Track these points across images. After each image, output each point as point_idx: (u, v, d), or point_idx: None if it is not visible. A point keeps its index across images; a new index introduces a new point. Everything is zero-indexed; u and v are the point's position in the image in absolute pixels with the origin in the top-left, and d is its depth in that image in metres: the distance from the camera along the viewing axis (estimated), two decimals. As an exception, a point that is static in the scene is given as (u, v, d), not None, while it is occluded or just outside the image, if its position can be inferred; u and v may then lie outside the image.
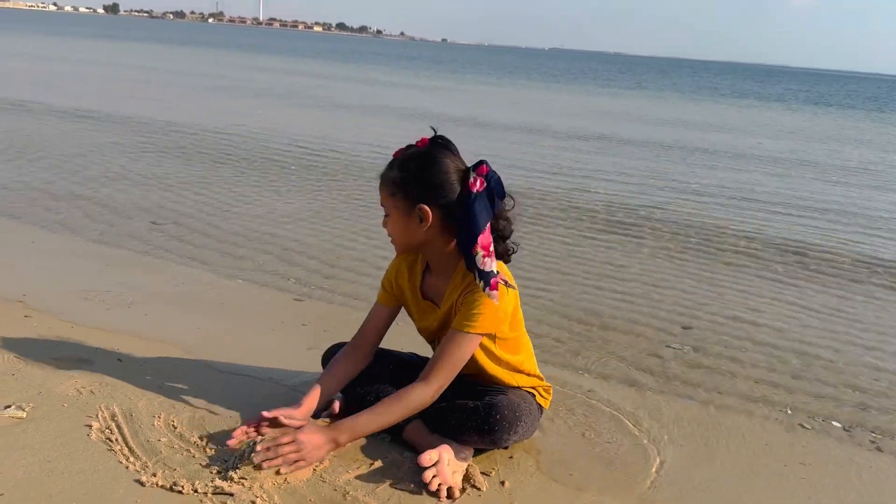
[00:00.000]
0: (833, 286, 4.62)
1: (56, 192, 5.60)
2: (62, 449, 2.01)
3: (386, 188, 2.15)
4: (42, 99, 11.22)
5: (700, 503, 2.07)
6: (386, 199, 2.16)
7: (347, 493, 1.92)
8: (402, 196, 2.12)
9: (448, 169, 2.09)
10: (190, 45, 42.39)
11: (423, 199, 2.10)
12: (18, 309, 3.08)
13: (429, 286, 2.27)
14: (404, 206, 2.12)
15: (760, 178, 8.97)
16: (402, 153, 2.16)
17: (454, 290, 2.16)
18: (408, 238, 2.18)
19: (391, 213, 2.17)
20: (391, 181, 2.13)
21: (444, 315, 2.20)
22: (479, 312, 2.08)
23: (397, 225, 2.17)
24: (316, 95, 16.52)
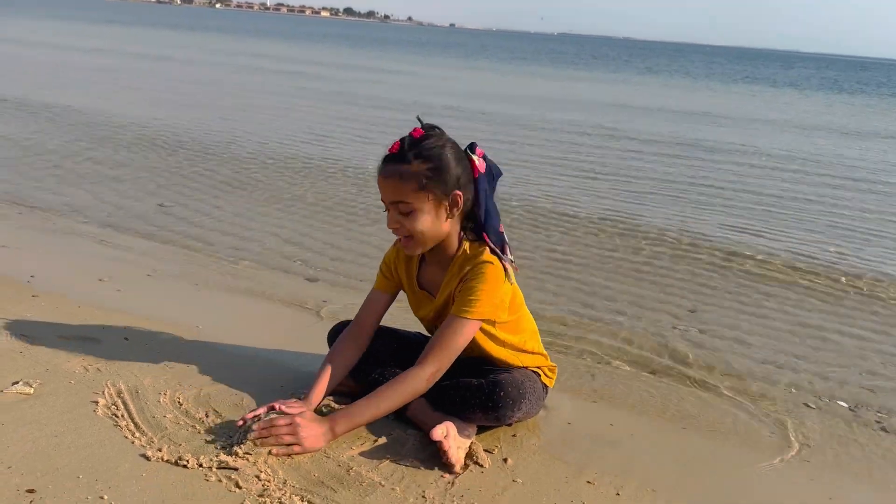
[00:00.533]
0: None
1: (63, 174, 5.63)
2: (69, 424, 2.03)
3: (412, 183, 2.02)
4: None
5: (706, 482, 2.07)
6: (411, 195, 2.03)
7: (351, 468, 1.93)
8: (435, 186, 2.03)
9: (459, 155, 2.09)
10: (203, 31, 42.33)
11: (455, 186, 2.06)
12: (26, 289, 3.10)
13: (425, 276, 2.27)
14: (437, 196, 2.04)
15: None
16: (407, 145, 2.04)
17: (452, 279, 2.15)
18: (437, 232, 2.09)
19: (419, 209, 2.04)
20: (417, 175, 2.01)
21: (442, 304, 2.20)
22: (477, 298, 2.07)
23: (427, 220, 2.06)
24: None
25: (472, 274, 2.09)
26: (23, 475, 1.77)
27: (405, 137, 2.07)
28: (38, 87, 10.75)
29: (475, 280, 2.08)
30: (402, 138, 2.07)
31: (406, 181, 2.02)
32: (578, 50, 66.62)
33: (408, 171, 2.02)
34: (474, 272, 2.09)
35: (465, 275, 2.11)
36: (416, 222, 2.06)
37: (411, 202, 2.04)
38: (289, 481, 1.84)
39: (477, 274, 2.09)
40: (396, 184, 2.03)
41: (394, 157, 2.05)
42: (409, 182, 2.02)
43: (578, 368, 2.84)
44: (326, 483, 1.86)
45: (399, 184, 2.03)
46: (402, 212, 2.06)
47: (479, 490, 1.90)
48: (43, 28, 28.53)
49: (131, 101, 10.19)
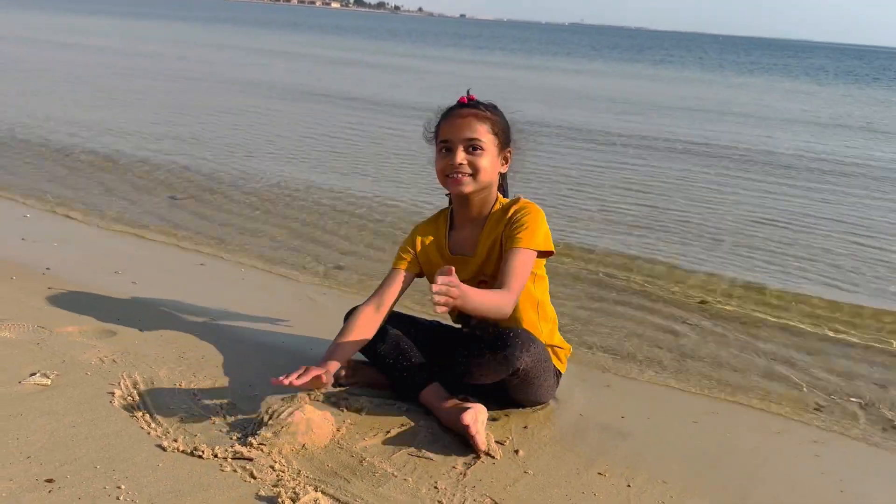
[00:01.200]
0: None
1: (77, 167, 5.67)
2: (86, 415, 2.06)
3: (487, 125, 2.25)
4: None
5: (713, 477, 2.08)
6: (486, 135, 2.25)
7: (364, 459, 1.95)
8: (501, 135, 2.29)
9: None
10: (225, 23, 42.36)
11: (511, 144, 2.34)
12: (43, 281, 3.14)
13: (456, 242, 2.37)
14: (499, 144, 2.29)
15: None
16: (477, 101, 2.30)
17: (492, 229, 2.29)
18: (492, 175, 2.29)
19: (487, 148, 2.25)
20: (491, 120, 2.27)
21: (484, 258, 2.29)
22: (530, 229, 2.22)
23: (490, 160, 2.26)
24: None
25: (520, 214, 2.26)
26: (41, 465, 1.80)
27: (468, 97, 2.32)
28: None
29: (524, 217, 2.24)
30: (467, 96, 2.32)
31: (482, 122, 2.26)
32: (593, 41, 66.16)
33: (485, 115, 2.27)
34: (521, 213, 2.26)
35: (511, 217, 2.26)
36: (482, 159, 2.25)
37: (484, 140, 2.25)
38: (303, 472, 1.86)
39: (524, 213, 2.26)
40: (475, 123, 2.25)
41: (469, 104, 2.29)
42: (485, 124, 2.26)
43: (590, 361, 2.84)
44: (340, 473, 1.88)
45: (477, 124, 2.26)
46: (474, 147, 2.25)
47: (490, 481, 1.91)
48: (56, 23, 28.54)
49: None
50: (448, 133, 2.26)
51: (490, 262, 2.30)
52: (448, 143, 2.25)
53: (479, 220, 2.33)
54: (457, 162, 2.23)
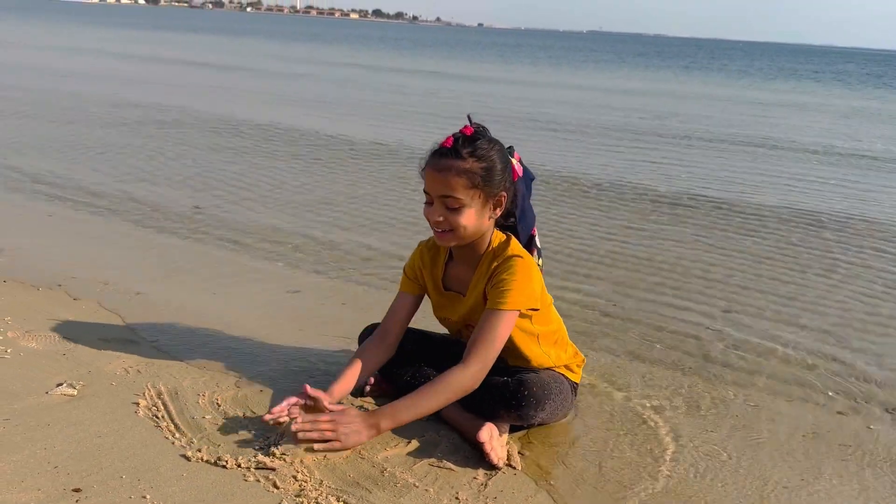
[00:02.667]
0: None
1: (101, 180, 5.75)
2: (112, 425, 2.08)
3: (463, 179, 2.05)
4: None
5: (738, 487, 2.06)
6: (462, 191, 2.06)
7: (385, 469, 1.96)
8: (484, 185, 2.07)
9: (506, 156, 2.15)
10: (262, 36, 42.78)
11: (502, 187, 2.11)
12: (68, 292, 3.18)
13: (452, 277, 2.29)
14: (485, 195, 2.09)
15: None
16: (461, 142, 2.08)
17: (481, 277, 2.18)
18: (479, 228, 2.13)
19: (466, 206, 2.07)
20: (470, 172, 2.05)
21: (473, 304, 2.23)
22: (510, 289, 2.10)
23: (473, 216, 2.09)
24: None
25: (503, 268, 2.13)
26: (69, 475, 1.83)
27: (458, 134, 2.10)
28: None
29: (506, 273, 2.12)
30: (455, 135, 2.10)
31: (459, 177, 2.05)
32: (618, 48, 65.87)
33: (462, 168, 2.05)
34: (504, 266, 2.13)
35: (495, 270, 2.14)
36: (461, 217, 2.09)
37: (461, 198, 2.07)
38: (325, 482, 1.87)
39: (507, 267, 2.13)
40: (449, 179, 2.06)
41: (448, 151, 2.08)
42: (462, 178, 2.05)
43: (609, 370, 2.83)
44: (362, 484, 1.89)
45: (452, 179, 2.06)
46: (450, 206, 2.08)
47: (512, 492, 1.91)
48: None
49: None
50: (427, 185, 2.11)
51: (477, 311, 2.19)
52: (427, 195, 2.13)
53: (474, 258, 2.22)
54: (435, 219, 2.11)
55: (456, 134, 2.11)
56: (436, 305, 2.37)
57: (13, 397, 2.20)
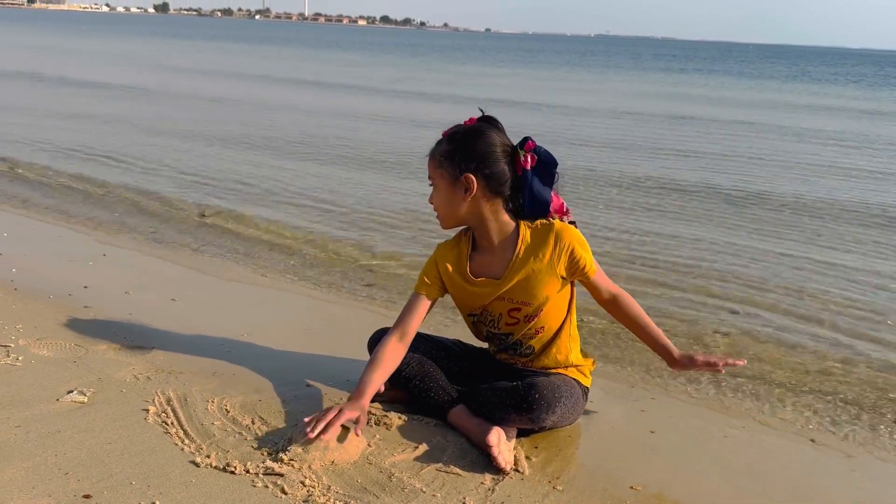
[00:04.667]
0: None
1: (112, 189, 5.80)
2: (121, 431, 2.10)
3: (434, 160, 2.25)
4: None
5: (749, 491, 2.06)
6: (433, 171, 2.26)
7: (393, 474, 1.96)
8: (448, 166, 2.22)
9: (493, 142, 2.22)
10: (275, 44, 42.98)
11: (467, 169, 2.20)
12: (78, 300, 3.21)
13: (480, 264, 2.31)
14: (450, 176, 2.22)
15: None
16: (451, 131, 2.27)
17: (530, 259, 2.23)
18: (451, 209, 2.26)
19: (437, 185, 2.26)
20: (440, 154, 2.24)
21: (513, 283, 2.25)
22: (587, 256, 2.26)
23: (442, 196, 2.26)
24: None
25: (576, 250, 2.23)
26: (79, 481, 1.84)
27: (458, 124, 2.29)
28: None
29: (581, 248, 2.24)
30: (457, 125, 2.29)
31: (431, 159, 2.28)
32: (634, 52, 65.23)
33: (434, 151, 2.27)
34: (576, 246, 2.23)
35: (566, 249, 2.23)
36: (435, 197, 2.30)
37: (433, 178, 2.28)
38: (333, 487, 1.88)
39: (578, 244, 2.23)
40: (429, 162, 2.28)
41: (439, 140, 2.29)
42: (432, 160, 2.27)
43: (618, 375, 2.83)
44: (369, 489, 1.89)
45: (429, 161, 2.29)
46: (432, 186, 2.29)
47: (519, 497, 1.92)
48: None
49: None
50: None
51: (523, 290, 2.24)
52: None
53: (502, 245, 2.26)
54: (429, 200, 2.33)
55: (458, 124, 2.29)
56: (467, 299, 2.34)
57: (24, 405, 2.22)
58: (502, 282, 2.26)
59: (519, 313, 2.26)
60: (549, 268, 2.23)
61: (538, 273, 2.23)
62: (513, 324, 2.29)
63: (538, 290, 2.24)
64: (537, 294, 2.24)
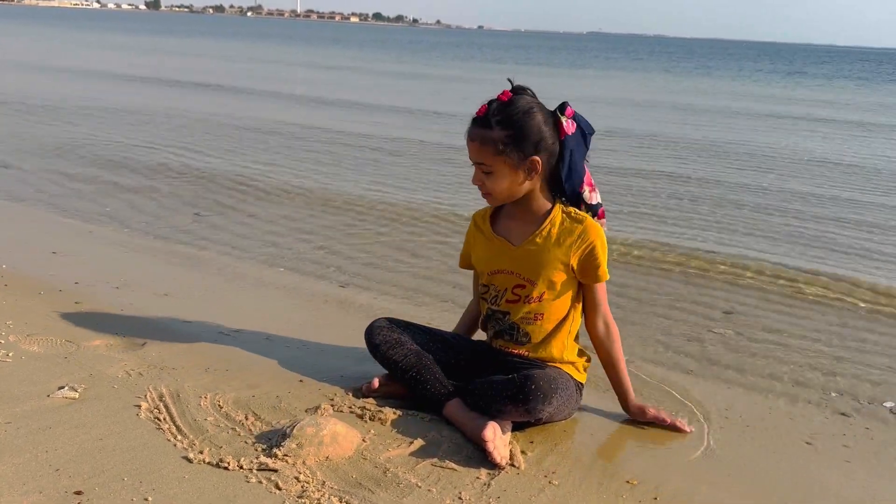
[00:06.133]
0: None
1: (102, 183, 5.76)
2: (113, 427, 2.08)
3: (490, 147, 2.17)
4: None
5: (745, 487, 2.05)
6: (490, 158, 2.18)
7: (388, 470, 1.95)
8: (512, 153, 2.16)
9: (545, 118, 2.20)
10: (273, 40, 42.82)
11: (533, 152, 2.18)
12: (70, 295, 3.18)
13: (502, 223, 2.35)
14: (514, 161, 2.18)
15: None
16: (493, 110, 2.17)
17: (555, 244, 2.25)
18: (513, 191, 2.24)
19: (497, 171, 2.19)
20: (496, 140, 2.16)
21: (525, 257, 2.27)
22: (603, 261, 2.26)
23: (504, 181, 2.21)
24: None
25: (596, 249, 2.24)
26: (70, 477, 1.82)
27: (493, 101, 2.20)
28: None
29: (600, 250, 2.25)
30: (490, 101, 2.20)
31: (486, 145, 2.18)
32: (629, 48, 64.87)
33: (488, 137, 2.17)
34: (597, 244, 2.24)
35: (584, 244, 2.24)
36: (494, 183, 2.22)
37: (490, 164, 2.19)
38: (327, 483, 1.87)
39: (599, 245, 2.25)
40: (478, 147, 2.19)
41: (479, 120, 2.19)
42: (488, 146, 2.17)
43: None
44: (364, 484, 1.88)
45: (480, 147, 2.19)
46: (484, 171, 2.22)
47: (515, 491, 1.91)
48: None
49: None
50: (468, 152, 2.26)
51: (533, 266, 2.27)
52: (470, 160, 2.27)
53: (532, 216, 2.29)
54: (474, 182, 2.27)
55: (492, 100, 2.20)
56: (482, 253, 2.38)
57: (14, 401, 2.19)
58: (517, 250, 2.29)
59: (522, 290, 2.28)
60: (563, 255, 2.24)
61: (551, 255, 2.25)
62: (514, 301, 2.29)
63: (546, 270, 2.25)
64: (544, 274, 2.25)
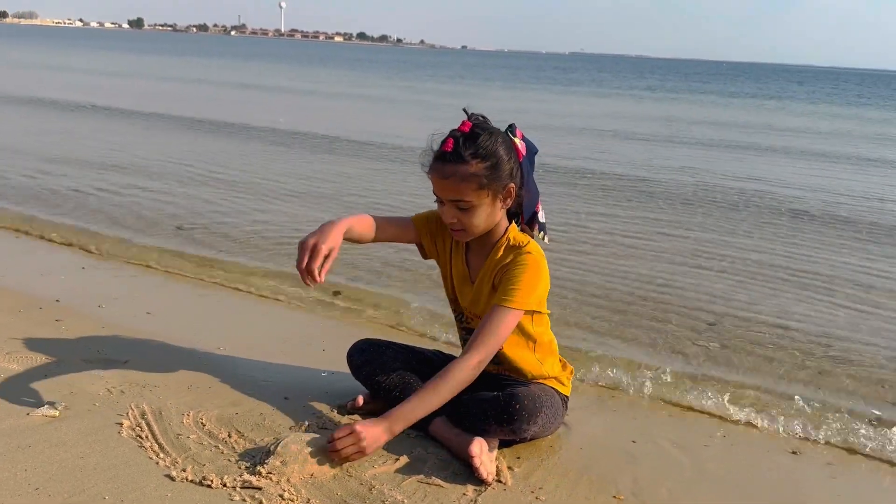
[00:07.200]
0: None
1: (84, 198, 5.71)
2: (94, 445, 2.05)
3: (472, 183, 2.04)
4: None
5: (730, 499, 2.05)
6: (472, 194, 2.05)
7: (373, 486, 1.93)
8: (494, 184, 2.07)
9: (506, 143, 2.11)
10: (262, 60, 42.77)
11: (509, 179, 2.10)
12: (50, 314, 3.14)
13: (469, 258, 2.28)
14: (494, 193, 2.08)
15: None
16: (462, 143, 2.04)
17: (492, 269, 2.17)
18: (489, 224, 2.14)
19: (476, 206, 2.08)
20: (475, 175, 2.04)
21: (480, 292, 2.21)
22: (518, 288, 2.09)
23: (482, 215, 2.10)
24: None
25: (515, 263, 2.13)
26: (50, 496, 1.79)
27: (456, 133, 2.07)
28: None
29: (517, 269, 2.11)
30: (454, 135, 2.07)
31: (466, 181, 2.04)
32: (619, 69, 64.99)
33: (467, 172, 2.04)
34: (516, 261, 2.13)
35: (508, 264, 2.13)
36: (473, 218, 2.10)
37: (471, 200, 2.07)
38: (312, 500, 1.85)
39: (519, 263, 2.12)
40: (456, 184, 2.05)
41: (449, 156, 2.05)
42: (469, 182, 2.04)
43: (598, 383, 2.82)
44: (349, 501, 1.86)
45: (459, 184, 2.05)
46: (461, 208, 2.09)
47: (502, 506, 1.89)
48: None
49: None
50: (435, 189, 2.11)
51: (481, 302, 2.20)
52: (437, 197, 2.13)
53: (486, 245, 2.21)
54: (448, 220, 2.13)
55: (454, 133, 2.08)
56: (452, 284, 2.32)
57: (-7, 419, 2.16)
58: (474, 285, 2.24)
59: (479, 322, 2.19)
60: (496, 282, 2.16)
61: (489, 288, 2.18)
62: (478, 318, 2.22)
63: (486, 303, 2.17)
64: (485, 308, 2.16)
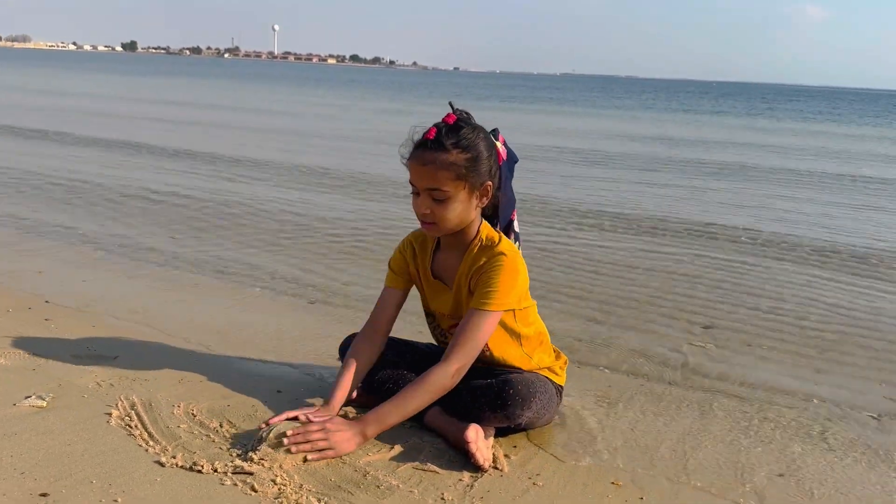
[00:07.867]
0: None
1: (78, 207, 5.68)
2: (82, 434, 2.01)
3: (451, 172, 2.00)
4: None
5: (728, 485, 2.02)
6: (449, 184, 2.01)
7: (368, 473, 1.90)
8: (472, 177, 2.03)
9: (489, 142, 2.10)
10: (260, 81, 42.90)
11: (488, 177, 2.07)
12: (40, 312, 3.10)
13: (439, 265, 2.24)
14: (471, 187, 2.05)
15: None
16: (445, 133, 2.03)
17: (467, 270, 2.13)
18: (463, 220, 2.09)
19: (453, 197, 2.03)
20: (455, 164, 2.00)
21: (458, 298, 2.18)
22: (496, 290, 2.05)
23: (457, 208, 2.05)
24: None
25: (489, 265, 2.08)
26: (35, 480, 1.75)
27: (440, 124, 2.06)
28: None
29: (493, 271, 2.07)
30: (438, 125, 2.05)
31: (444, 169, 2.01)
32: (609, 90, 65.61)
33: (446, 160, 2.01)
34: (491, 263, 2.08)
35: (482, 266, 2.09)
36: (447, 210, 2.05)
37: (448, 190, 2.03)
38: (305, 485, 1.81)
39: (494, 265, 2.08)
40: (434, 171, 2.01)
41: (431, 143, 2.03)
42: (447, 171, 2.01)
43: (596, 373, 2.80)
44: (343, 486, 1.82)
45: (437, 172, 2.01)
46: (436, 198, 2.04)
47: (499, 492, 1.86)
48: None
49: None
50: (413, 177, 2.07)
51: (462, 306, 2.16)
52: (414, 186, 2.09)
53: (461, 246, 2.16)
54: (421, 210, 2.07)
55: (438, 123, 2.06)
56: (427, 297, 2.29)
57: (-22, 410, 2.11)
58: (452, 291, 2.19)
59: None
60: (472, 285, 2.12)
61: (467, 290, 2.14)
62: (455, 326, 2.18)
63: (465, 307, 2.13)
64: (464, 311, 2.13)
